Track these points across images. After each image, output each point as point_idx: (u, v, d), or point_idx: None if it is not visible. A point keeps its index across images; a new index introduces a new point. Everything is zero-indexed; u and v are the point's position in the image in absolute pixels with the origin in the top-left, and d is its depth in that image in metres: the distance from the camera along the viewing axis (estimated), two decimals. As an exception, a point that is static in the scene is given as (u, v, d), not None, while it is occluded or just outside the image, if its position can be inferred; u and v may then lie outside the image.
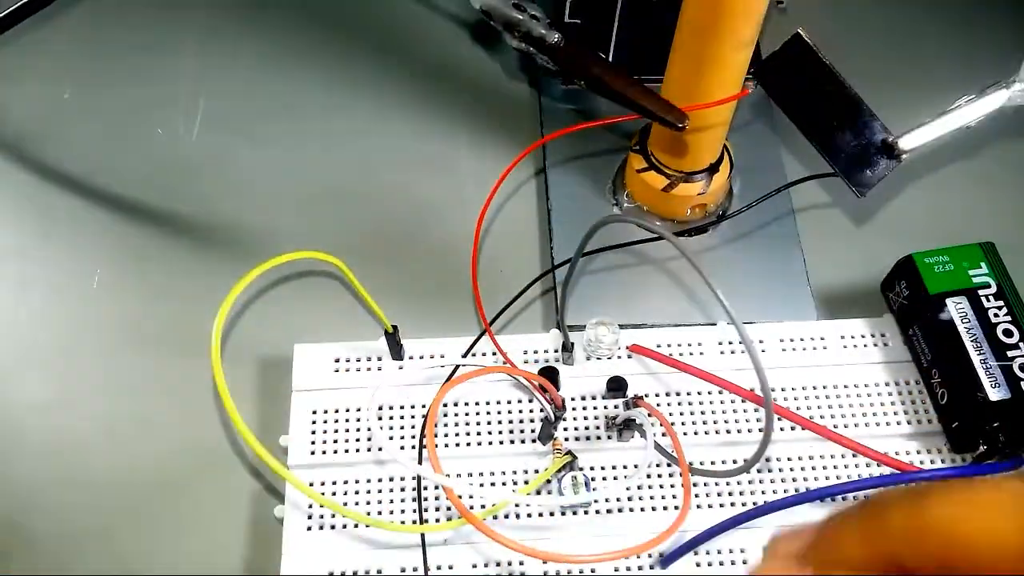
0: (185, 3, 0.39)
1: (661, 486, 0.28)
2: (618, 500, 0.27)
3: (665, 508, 0.27)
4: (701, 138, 0.30)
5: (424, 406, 0.29)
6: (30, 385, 0.30)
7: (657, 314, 0.31)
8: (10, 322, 0.31)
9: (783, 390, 0.29)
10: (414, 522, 0.27)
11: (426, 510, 0.27)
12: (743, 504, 0.27)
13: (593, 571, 0.26)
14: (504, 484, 0.27)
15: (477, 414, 0.29)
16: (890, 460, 0.28)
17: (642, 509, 0.27)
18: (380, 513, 0.27)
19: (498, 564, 0.26)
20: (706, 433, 0.29)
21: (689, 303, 0.32)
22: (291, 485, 0.27)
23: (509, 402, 0.29)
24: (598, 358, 0.29)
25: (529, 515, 0.27)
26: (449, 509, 0.27)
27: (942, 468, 0.28)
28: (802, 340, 0.30)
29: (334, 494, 0.27)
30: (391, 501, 0.27)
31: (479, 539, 0.27)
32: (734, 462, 0.28)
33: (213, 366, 0.21)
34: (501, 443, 0.28)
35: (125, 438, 0.29)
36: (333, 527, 0.27)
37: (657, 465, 0.28)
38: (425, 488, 0.27)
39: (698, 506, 0.27)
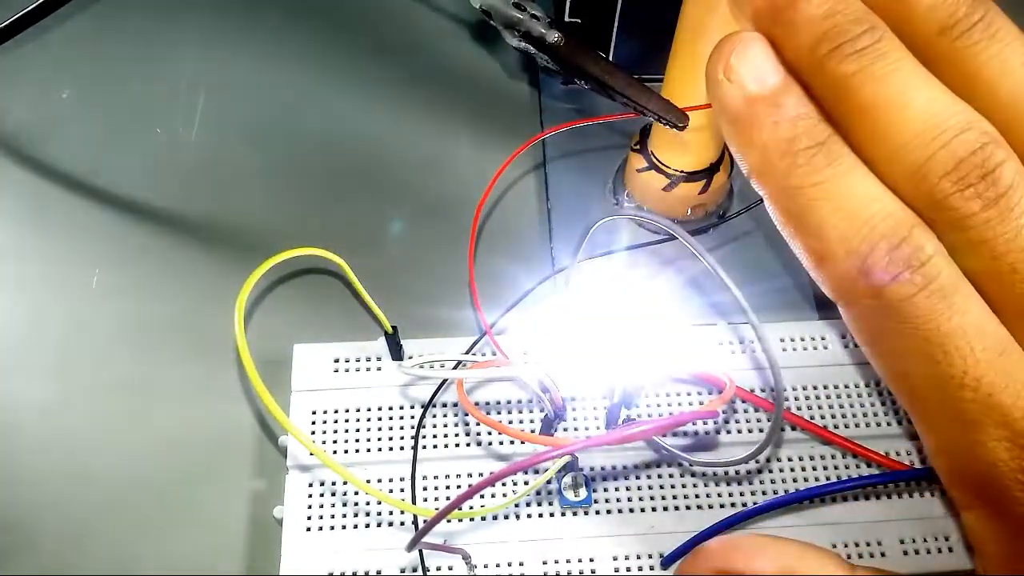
0: (184, 2, 0.39)
1: (662, 487, 0.28)
2: (618, 501, 0.27)
3: (666, 509, 0.27)
4: (702, 138, 0.30)
5: (422, 406, 0.28)
6: (28, 385, 0.30)
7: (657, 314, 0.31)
8: (7, 322, 0.31)
9: (783, 390, 0.29)
10: (414, 521, 0.27)
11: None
12: (743, 504, 0.27)
13: (593, 572, 0.26)
14: (503, 484, 0.27)
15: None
16: (889, 461, 0.28)
17: (643, 510, 0.27)
18: (380, 513, 0.27)
19: (497, 565, 0.26)
20: (707, 433, 0.29)
21: (689, 303, 0.32)
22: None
23: (508, 402, 0.29)
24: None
25: (529, 516, 0.27)
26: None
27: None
28: (803, 340, 0.30)
29: (333, 495, 0.27)
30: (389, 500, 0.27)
31: (477, 540, 0.27)
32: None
33: (238, 344, 0.22)
34: (500, 443, 0.28)
35: (124, 438, 0.29)
36: (332, 528, 0.27)
37: (658, 466, 0.28)
38: (424, 478, 0.27)
39: (699, 507, 0.27)
